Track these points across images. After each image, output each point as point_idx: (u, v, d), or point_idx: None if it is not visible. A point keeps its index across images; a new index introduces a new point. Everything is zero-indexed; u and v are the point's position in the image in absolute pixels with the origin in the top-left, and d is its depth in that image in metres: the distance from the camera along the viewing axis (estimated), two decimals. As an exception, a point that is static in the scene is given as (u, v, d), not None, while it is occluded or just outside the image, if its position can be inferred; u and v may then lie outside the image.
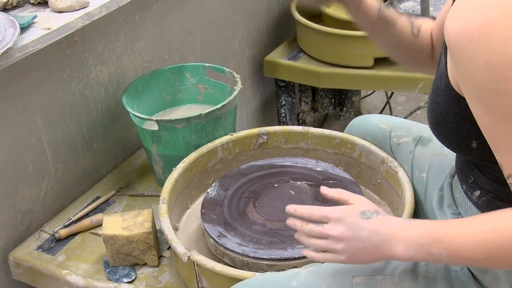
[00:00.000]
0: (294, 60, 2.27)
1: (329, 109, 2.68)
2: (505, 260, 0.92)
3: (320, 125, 2.70)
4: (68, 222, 1.59)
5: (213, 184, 1.54)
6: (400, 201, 1.42)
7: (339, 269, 1.10)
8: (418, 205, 1.39)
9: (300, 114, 2.57)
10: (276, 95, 2.40)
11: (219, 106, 1.58)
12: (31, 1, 1.49)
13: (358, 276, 1.09)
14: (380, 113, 2.67)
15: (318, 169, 1.56)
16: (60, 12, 1.46)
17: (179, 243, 1.32)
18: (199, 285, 1.31)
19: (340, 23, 2.16)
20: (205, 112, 1.56)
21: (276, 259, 1.29)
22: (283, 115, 2.41)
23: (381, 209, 1.04)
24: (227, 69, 1.76)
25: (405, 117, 1.96)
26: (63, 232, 1.56)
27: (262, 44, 2.42)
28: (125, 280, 1.42)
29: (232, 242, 1.35)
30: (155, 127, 1.59)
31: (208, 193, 1.51)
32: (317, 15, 2.33)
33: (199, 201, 1.57)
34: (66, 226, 1.58)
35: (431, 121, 1.04)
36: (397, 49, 1.29)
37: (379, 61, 2.11)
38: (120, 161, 1.85)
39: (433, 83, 1.04)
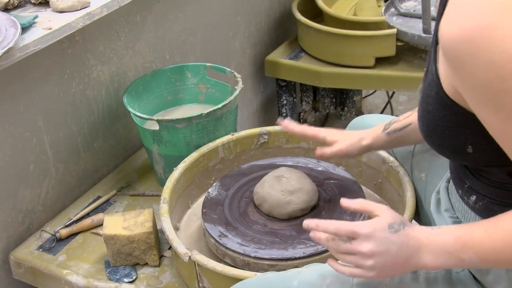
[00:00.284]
0: (295, 60, 2.27)
1: (330, 108, 2.68)
2: None
3: (321, 124, 2.69)
4: (69, 222, 1.59)
5: (214, 184, 1.54)
6: (401, 201, 1.42)
7: (339, 269, 1.10)
8: (418, 205, 1.39)
9: (301, 114, 2.56)
10: (277, 94, 2.40)
11: (220, 106, 1.58)
12: (32, 1, 1.49)
13: (359, 277, 1.08)
14: (381, 112, 2.67)
15: (319, 169, 1.56)
16: (61, 12, 1.46)
17: (180, 243, 1.32)
18: (200, 285, 1.31)
19: (341, 23, 2.16)
20: (206, 112, 1.56)
21: (277, 259, 1.29)
22: (284, 114, 2.40)
23: (403, 217, 1.02)
24: (228, 69, 1.76)
25: (406, 117, 1.96)
26: (64, 232, 1.56)
27: (263, 44, 2.41)
28: (126, 280, 1.42)
29: (233, 242, 1.35)
30: (156, 127, 1.59)
31: (209, 193, 1.51)
32: (318, 15, 2.33)
33: (200, 201, 1.57)
34: (67, 226, 1.58)
35: (423, 130, 1.02)
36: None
37: (380, 61, 2.11)
38: (121, 161, 1.85)
39: (422, 92, 1.01)
